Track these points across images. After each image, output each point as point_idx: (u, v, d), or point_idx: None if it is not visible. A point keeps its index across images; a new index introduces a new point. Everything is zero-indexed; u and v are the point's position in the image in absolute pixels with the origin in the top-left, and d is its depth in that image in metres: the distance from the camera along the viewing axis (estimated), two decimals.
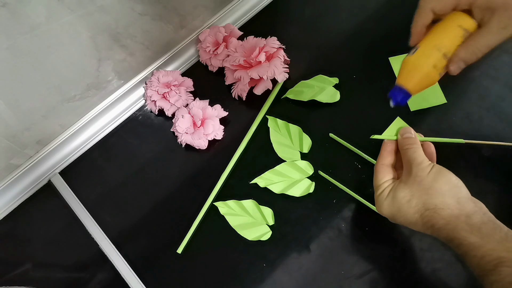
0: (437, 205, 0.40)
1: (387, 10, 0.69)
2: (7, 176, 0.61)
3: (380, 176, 0.46)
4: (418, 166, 0.42)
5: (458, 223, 0.39)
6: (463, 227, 0.38)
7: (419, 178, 0.42)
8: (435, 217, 0.40)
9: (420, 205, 0.41)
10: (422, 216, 0.41)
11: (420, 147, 0.44)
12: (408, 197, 0.42)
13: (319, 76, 0.63)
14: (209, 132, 0.60)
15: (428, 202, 0.41)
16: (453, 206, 0.40)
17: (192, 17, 0.66)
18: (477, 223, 0.38)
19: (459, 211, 0.39)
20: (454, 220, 0.39)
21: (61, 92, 0.58)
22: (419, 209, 0.41)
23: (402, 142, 0.46)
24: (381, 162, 0.47)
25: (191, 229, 0.56)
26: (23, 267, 0.57)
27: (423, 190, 0.41)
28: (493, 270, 0.36)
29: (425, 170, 0.42)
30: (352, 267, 0.51)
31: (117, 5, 0.54)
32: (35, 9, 0.47)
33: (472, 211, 0.39)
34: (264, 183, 0.57)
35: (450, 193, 0.40)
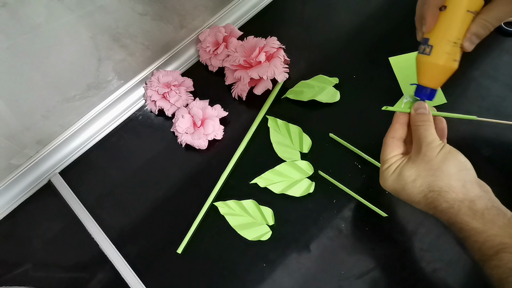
0: (442, 187, 0.40)
1: (387, 10, 0.69)
2: (7, 176, 0.61)
3: (389, 150, 0.44)
4: (428, 145, 0.41)
5: (461, 208, 0.38)
6: (466, 212, 0.38)
7: (427, 158, 0.41)
8: (439, 199, 0.39)
9: (425, 186, 0.40)
10: (425, 197, 0.41)
11: (432, 125, 0.43)
12: (414, 176, 0.41)
13: (319, 76, 0.63)
14: (209, 132, 0.60)
15: (434, 184, 0.40)
16: (458, 190, 0.39)
17: (192, 17, 0.66)
18: (480, 208, 0.38)
19: (464, 196, 0.39)
20: (457, 204, 0.39)
21: (61, 92, 0.58)
22: (423, 190, 0.41)
23: (415, 117, 0.44)
24: (392, 135, 0.45)
25: (191, 229, 0.56)
26: (23, 267, 0.57)
27: (429, 171, 0.40)
28: (495, 256, 0.36)
29: (434, 150, 0.41)
30: (352, 267, 0.51)
31: (117, 5, 0.54)
32: (35, 9, 0.47)
33: (477, 196, 0.39)
34: (264, 183, 0.57)
35: (457, 176, 0.40)
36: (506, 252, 0.35)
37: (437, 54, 0.42)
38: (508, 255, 0.35)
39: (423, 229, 0.51)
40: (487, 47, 0.62)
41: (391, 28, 0.67)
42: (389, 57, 0.63)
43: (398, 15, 0.68)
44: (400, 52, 0.64)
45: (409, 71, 0.62)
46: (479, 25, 0.40)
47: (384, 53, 0.65)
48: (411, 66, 0.62)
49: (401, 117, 0.45)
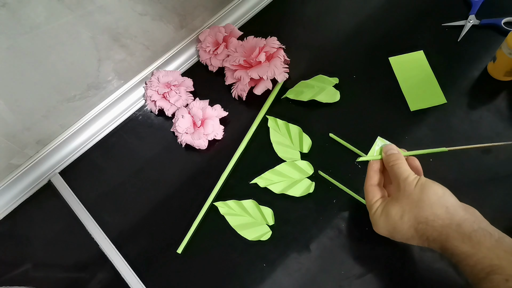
0: (427, 217, 0.41)
1: (387, 10, 0.69)
2: (7, 176, 0.61)
3: (370, 196, 0.46)
4: (405, 180, 0.43)
5: (449, 233, 0.39)
6: (455, 236, 0.39)
7: (407, 193, 0.42)
8: (428, 229, 0.41)
9: (413, 220, 0.42)
10: (416, 230, 0.42)
11: (404, 161, 0.45)
12: (400, 213, 0.42)
13: (319, 76, 0.63)
14: (209, 132, 0.60)
15: (419, 215, 0.41)
16: (443, 216, 0.40)
17: (192, 17, 0.66)
18: (467, 231, 0.38)
19: (450, 221, 0.40)
20: (446, 230, 0.39)
21: (61, 92, 0.58)
22: (412, 224, 0.42)
23: (387, 159, 0.46)
24: (369, 182, 0.47)
25: (191, 229, 0.56)
26: (23, 267, 0.57)
27: (412, 204, 0.42)
28: (486, 278, 0.36)
29: (411, 184, 0.42)
30: (352, 267, 0.51)
31: (117, 5, 0.54)
32: (35, 9, 0.47)
33: (463, 218, 0.40)
34: (264, 183, 0.57)
35: (438, 203, 0.41)
36: (496, 273, 0.36)
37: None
38: (498, 277, 0.36)
39: None
40: (487, 47, 0.62)
41: (391, 28, 0.67)
42: (389, 57, 0.63)
43: (398, 15, 0.68)
44: (400, 52, 0.64)
45: (409, 71, 0.62)
46: None
47: (384, 53, 0.65)
48: (411, 66, 0.62)
49: (374, 165, 0.48)
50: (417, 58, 0.63)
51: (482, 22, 0.64)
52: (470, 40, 0.63)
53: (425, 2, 0.68)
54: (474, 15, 0.65)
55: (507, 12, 0.64)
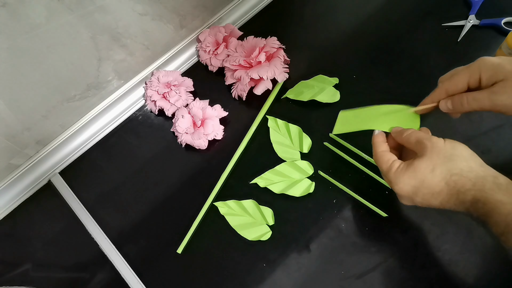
0: (462, 168, 0.41)
1: (387, 10, 0.69)
2: (7, 176, 0.61)
3: (386, 158, 0.45)
4: (430, 139, 0.43)
5: (485, 183, 0.39)
6: (491, 186, 0.39)
7: (437, 149, 0.42)
8: (462, 180, 0.40)
9: (445, 172, 0.41)
10: (447, 182, 0.41)
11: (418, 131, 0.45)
12: (431, 166, 0.41)
13: (319, 76, 0.63)
14: (209, 132, 0.60)
15: (454, 167, 0.41)
16: (478, 169, 0.40)
17: (192, 17, 0.66)
18: (504, 183, 0.39)
19: (484, 173, 0.40)
20: (481, 181, 0.40)
21: (61, 92, 0.58)
22: (444, 176, 0.41)
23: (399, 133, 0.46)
24: (380, 149, 0.47)
25: (191, 229, 0.56)
26: (23, 267, 0.57)
27: (444, 158, 0.41)
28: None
29: (439, 141, 0.42)
30: (352, 267, 0.51)
31: (117, 5, 0.54)
32: (35, 9, 0.47)
33: (497, 173, 0.40)
34: (264, 183, 0.57)
35: (472, 158, 0.41)
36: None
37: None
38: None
39: (423, 229, 0.51)
40: (487, 47, 0.63)
41: (391, 28, 0.67)
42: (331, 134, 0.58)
43: (398, 15, 0.68)
44: (400, 52, 0.64)
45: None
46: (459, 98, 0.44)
47: (384, 53, 0.65)
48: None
49: (379, 136, 0.48)
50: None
51: (482, 22, 0.64)
52: (470, 40, 0.63)
53: (425, 2, 0.68)
54: (474, 15, 0.65)
55: (507, 12, 0.64)
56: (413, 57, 0.64)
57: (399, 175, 0.43)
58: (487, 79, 0.42)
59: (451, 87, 0.45)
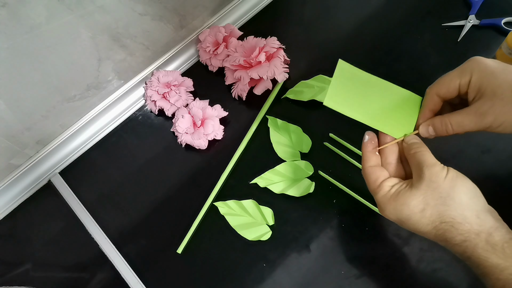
0: (454, 218, 0.36)
1: (387, 10, 0.69)
2: (7, 176, 0.61)
3: (374, 177, 0.41)
4: (431, 169, 0.38)
5: (478, 242, 0.35)
6: (484, 246, 0.35)
7: (434, 185, 0.37)
8: (452, 231, 0.36)
9: (435, 216, 0.37)
10: (436, 228, 0.37)
11: (428, 150, 0.40)
12: (422, 206, 0.37)
13: (319, 76, 0.63)
14: (209, 132, 0.60)
15: (445, 214, 0.36)
16: (472, 221, 0.36)
17: (192, 17, 0.66)
18: (499, 241, 0.35)
19: (479, 227, 0.35)
20: (473, 238, 0.35)
21: (61, 92, 0.58)
22: (433, 221, 0.37)
23: (409, 147, 0.41)
24: (368, 164, 0.42)
25: (191, 229, 0.56)
26: (23, 267, 0.57)
27: (439, 199, 0.37)
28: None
29: (439, 174, 0.37)
30: (352, 267, 0.51)
31: (117, 5, 0.54)
32: (35, 9, 0.47)
33: (493, 227, 0.35)
34: (264, 183, 0.57)
35: (470, 205, 0.36)
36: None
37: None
38: None
39: None
40: (487, 47, 0.63)
41: (391, 28, 0.67)
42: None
43: (398, 15, 0.68)
44: (400, 52, 0.64)
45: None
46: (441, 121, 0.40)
47: (384, 53, 0.65)
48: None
49: (369, 145, 0.43)
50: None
51: (482, 22, 0.64)
52: (470, 40, 0.63)
53: (425, 2, 0.68)
54: (474, 15, 0.65)
55: (507, 12, 0.64)
56: (413, 57, 0.64)
57: (386, 201, 0.39)
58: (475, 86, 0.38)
59: (442, 90, 0.40)
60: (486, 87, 0.37)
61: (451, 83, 0.39)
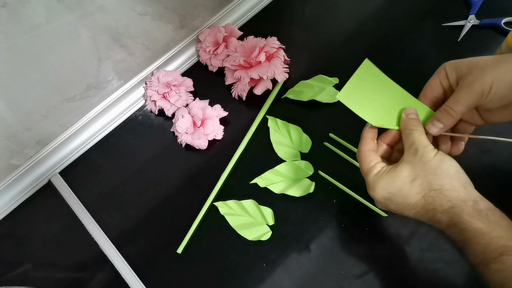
0: (443, 185, 0.39)
1: (387, 10, 0.69)
2: (7, 176, 0.61)
3: (369, 159, 0.43)
4: (425, 148, 0.40)
5: (464, 207, 0.37)
6: (470, 212, 0.37)
7: (425, 159, 0.40)
8: (441, 198, 0.39)
9: (425, 184, 0.39)
10: (425, 197, 0.39)
11: (424, 131, 0.42)
12: (413, 176, 0.40)
13: (319, 76, 0.63)
14: (209, 132, 0.60)
15: (435, 182, 0.39)
16: (459, 189, 0.38)
17: (192, 17, 0.66)
18: (484, 209, 0.37)
19: (466, 195, 0.38)
20: (460, 204, 0.38)
21: (61, 92, 0.58)
22: (423, 189, 0.39)
23: (408, 122, 0.43)
24: (366, 147, 0.44)
25: (191, 229, 0.56)
26: (23, 267, 0.57)
27: (428, 170, 0.40)
28: (497, 259, 0.35)
29: (431, 152, 0.40)
30: (352, 267, 0.51)
31: (117, 5, 0.54)
32: (35, 9, 0.47)
33: (479, 197, 0.38)
34: (264, 183, 0.57)
35: (457, 176, 0.39)
36: (508, 255, 0.35)
37: None
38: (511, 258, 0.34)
39: (423, 229, 0.51)
40: (487, 47, 0.62)
41: (391, 28, 0.67)
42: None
43: (397, 15, 0.68)
44: (400, 52, 0.64)
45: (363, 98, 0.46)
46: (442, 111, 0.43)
47: (384, 53, 0.65)
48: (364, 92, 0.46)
49: (370, 132, 0.45)
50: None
51: (482, 22, 0.64)
52: (470, 40, 0.63)
53: (425, 2, 0.68)
54: (474, 15, 0.65)
55: (507, 12, 0.64)
56: (413, 57, 0.64)
57: (377, 179, 0.42)
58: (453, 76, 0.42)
59: (426, 91, 0.45)
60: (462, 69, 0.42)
61: (432, 83, 0.44)
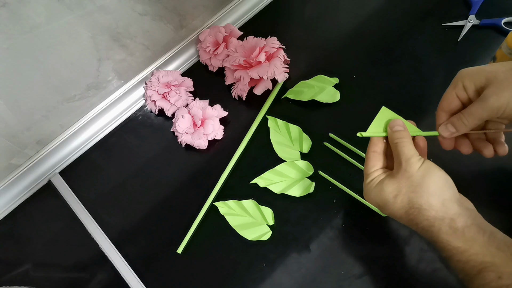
0: (422, 205, 0.40)
1: (387, 10, 0.69)
2: (7, 176, 0.61)
3: (371, 163, 0.45)
4: (408, 161, 0.41)
5: (442, 226, 0.38)
6: (447, 231, 0.38)
7: (408, 174, 0.41)
8: (419, 217, 0.40)
9: (405, 202, 0.41)
10: (407, 213, 0.41)
11: (410, 141, 0.43)
12: (395, 193, 0.41)
13: (319, 76, 0.63)
14: (209, 132, 0.60)
15: (414, 200, 0.40)
16: (437, 208, 0.39)
17: (192, 17, 0.66)
18: (461, 226, 0.38)
19: (443, 214, 0.39)
20: (438, 223, 0.39)
21: (61, 92, 0.58)
22: (404, 206, 0.41)
23: (392, 135, 0.44)
24: (372, 149, 0.45)
25: (191, 229, 0.56)
26: (23, 267, 0.57)
27: (410, 187, 0.40)
28: (478, 275, 0.36)
29: (414, 165, 0.41)
30: (352, 267, 0.51)
31: (117, 5, 0.54)
32: (35, 9, 0.47)
33: (457, 213, 0.39)
34: (264, 183, 0.57)
35: (437, 193, 0.40)
36: (488, 271, 0.35)
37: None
38: (490, 274, 0.35)
39: None
40: (487, 47, 0.62)
41: (391, 28, 0.67)
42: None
43: (398, 15, 0.68)
44: (400, 52, 0.64)
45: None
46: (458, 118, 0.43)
47: (384, 53, 0.65)
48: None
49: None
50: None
51: (482, 22, 0.64)
52: (470, 40, 0.63)
53: (425, 2, 0.68)
54: (474, 15, 0.65)
55: (507, 12, 0.64)
56: (413, 57, 0.64)
57: (370, 188, 0.44)
58: (472, 88, 0.42)
59: (443, 104, 0.44)
60: (481, 81, 0.41)
61: (449, 96, 0.43)
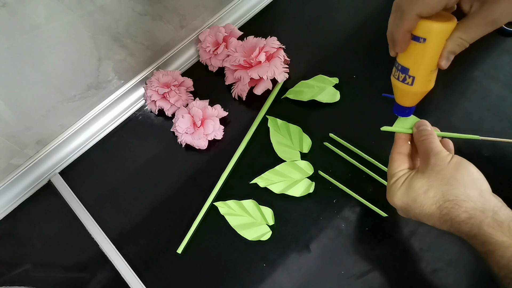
0: (458, 196, 0.37)
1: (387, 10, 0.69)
2: (7, 176, 0.61)
3: (396, 164, 0.43)
4: (437, 155, 0.39)
5: (483, 218, 0.35)
6: (490, 223, 0.35)
7: (438, 168, 0.39)
8: (456, 209, 0.37)
9: (439, 196, 0.38)
10: (440, 207, 0.38)
11: (436, 138, 0.41)
12: (426, 187, 0.39)
13: (319, 76, 0.63)
14: (209, 132, 0.60)
15: (449, 192, 0.37)
16: (476, 199, 0.36)
17: (192, 17, 0.66)
18: (505, 219, 0.35)
19: (484, 205, 0.36)
20: (479, 214, 0.36)
21: (61, 92, 0.58)
22: (437, 200, 0.38)
23: (418, 134, 0.42)
24: (397, 150, 0.44)
25: (191, 229, 0.56)
26: (23, 267, 0.57)
27: (442, 180, 0.38)
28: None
29: (444, 159, 0.39)
30: (352, 267, 0.51)
31: (117, 5, 0.54)
32: (35, 9, 0.47)
33: (498, 206, 0.36)
34: (264, 183, 0.57)
35: (473, 184, 0.37)
36: None
37: (419, 84, 0.41)
38: None
39: (423, 229, 0.51)
40: (487, 47, 0.62)
41: None
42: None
43: None
44: None
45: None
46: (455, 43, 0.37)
47: (384, 53, 0.64)
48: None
49: (403, 134, 0.45)
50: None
51: None
52: None
53: None
54: None
55: None
56: None
57: (396, 188, 0.42)
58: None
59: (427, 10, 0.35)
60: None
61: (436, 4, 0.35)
